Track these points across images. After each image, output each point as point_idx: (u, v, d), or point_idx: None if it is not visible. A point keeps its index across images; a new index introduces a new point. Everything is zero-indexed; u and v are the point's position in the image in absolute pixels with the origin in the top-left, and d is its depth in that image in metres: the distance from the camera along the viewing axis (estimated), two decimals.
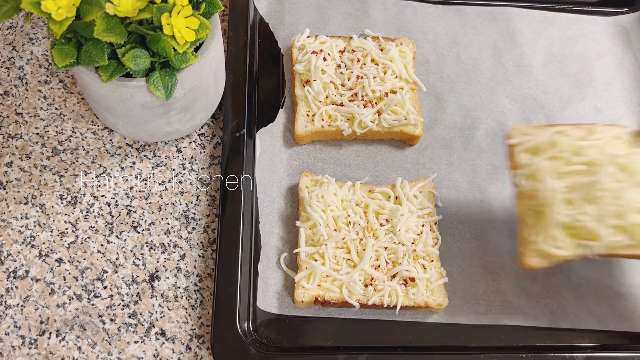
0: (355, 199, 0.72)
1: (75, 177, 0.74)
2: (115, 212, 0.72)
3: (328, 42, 0.81)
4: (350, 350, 0.65)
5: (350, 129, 0.76)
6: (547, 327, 0.68)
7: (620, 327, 0.69)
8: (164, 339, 0.66)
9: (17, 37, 0.82)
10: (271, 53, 0.84)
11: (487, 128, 0.81)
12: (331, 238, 0.68)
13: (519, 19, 0.90)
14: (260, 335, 0.66)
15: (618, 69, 0.88)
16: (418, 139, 0.78)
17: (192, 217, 0.72)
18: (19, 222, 0.70)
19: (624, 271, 0.72)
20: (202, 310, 0.67)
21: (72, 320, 0.66)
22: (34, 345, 0.64)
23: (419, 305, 0.66)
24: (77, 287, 0.67)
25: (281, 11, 0.87)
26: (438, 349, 0.67)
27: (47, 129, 0.76)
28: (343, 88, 0.79)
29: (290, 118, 0.79)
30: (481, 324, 0.68)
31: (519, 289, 0.71)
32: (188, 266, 0.70)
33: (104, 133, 0.77)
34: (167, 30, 0.56)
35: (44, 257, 0.69)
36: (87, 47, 0.58)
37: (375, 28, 0.87)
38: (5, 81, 0.79)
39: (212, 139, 0.78)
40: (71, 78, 0.80)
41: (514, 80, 0.85)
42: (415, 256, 0.69)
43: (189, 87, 0.65)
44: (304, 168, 0.76)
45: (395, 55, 0.80)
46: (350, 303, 0.66)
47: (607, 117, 0.83)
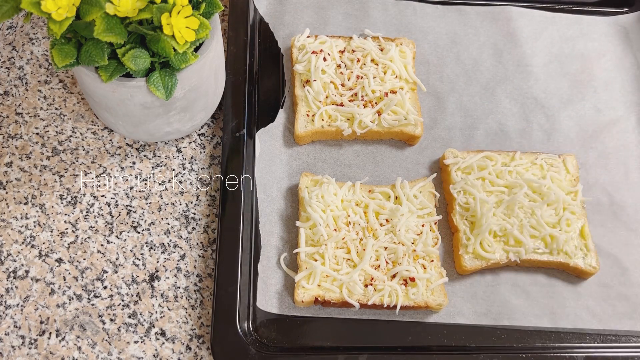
0: (355, 199, 0.72)
1: (75, 177, 0.74)
2: (115, 212, 0.72)
3: (328, 42, 0.81)
4: (350, 350, 0.65)
5: (350, 129, 0.76)
6: (547, 327, 0.69)
7: (620, 327, 0.69)
8: (164, 339, 0.66)
9: (17, 37, 0.82)
10: (271, 53, 0.84)
11: (487, 128, 0.81)
12: (331, 238, 0.68)
13: (519, 18, 0.90)
14: (260, 335, 0.66)
15: (618, 68, 0.88)
16: (418, 139, 0.78)
17: (192, 217, 0.72)
18: (19, 222, 0.70)
19: (624, 271, 0.73)
20: (202, 310, 0.67)
21: (72, 320, 0.66)
22: (34, 345, 0.64)
23: (419, 305, 0.66)
24: (77, 287, 0.67)
25: (281, 11, 0.87)
26: (438, 349, 0.67)
27: (47, 129, 0.76)
28: (343, 88, 0.79)
29: (290, 118, 0.79)
30: (481, 324, 0.68)
31: (518, 289, 0.71)
32: (188, 266, 0.70)
33: (104, 133, 0.77)
34: (167, 30, 0.56)
35: (44, 257, 0.69)
36: (87, 47, 0.58)
37: (375, 28, 0.87)
38: (5, 81, 0.79)
39: (212, 139, 0.78)
40: (71, 78, 0.80)
41: (514, 80, 0.85)
42: (415, 256, 0.69)
43: (189, 87, 0.65)
44: (304, 168, 0.76)
45: (395, 55, 0.80)
46: (350, 303, 0.66)
47: (607, 116, 0.83)
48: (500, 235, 0.70)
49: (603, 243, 0.74)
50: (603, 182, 0.78)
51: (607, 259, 0.73)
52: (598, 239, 0.74)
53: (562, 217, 0.71)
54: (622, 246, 0.74)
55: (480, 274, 0.71)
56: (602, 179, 0.78)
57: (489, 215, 0.70)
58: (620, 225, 0.76)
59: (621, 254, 0.74)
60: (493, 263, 0.69)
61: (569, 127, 0.82)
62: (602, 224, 0.76)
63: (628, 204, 0.77)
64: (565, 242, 0.70)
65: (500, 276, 0.71)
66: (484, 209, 0.71)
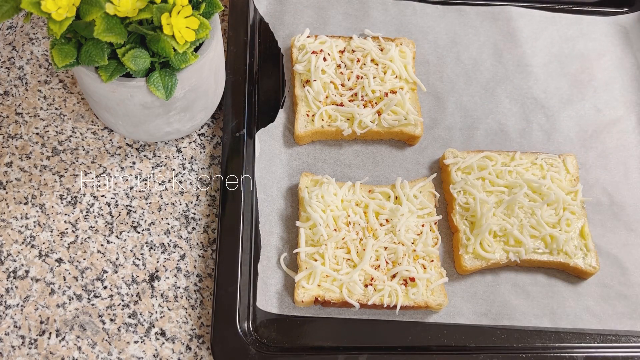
0: (355, 199, 0.72)
1: (75, 177, 0.74)
2: (115, 212, 0.72)
3: (328, 42, 0.81)
4: (350, 350, 0.65)
5: (350, 129, 0.76)
6: (547, 327, 0.69)
7: (620, 327, 0.69)
8: (164, 339, 0.66)
9: (17, 37, 0.82)
10: (271, 53, 0.84)
11: (487, 128, 0.81)
12: (331, 238, 0.68)
13: (519, 19, 0.90)
14: (260, 335, 0.66)
15: (618, 68, 0.88)
16: (418, 139, 0.78)
17: (192, 217, 0.72)
18: (19, 222, 0.70)
19: (624, 271, 0.73)
20: (202, 310, 0.67)
21: (72, 320, 0.66)
22: (34, 345, 0.64)
23: (419, 305, 0.66)
24: (77, 287, 0.67)
25: (281, 11, 0.87)
26: (438, 349, 0.67)
27: (47, 129, 0.76)
28: (343, 88, 0.79)
29: (290, 118, 0.79)
30: (481, 324, 0.68)
31: (518, 289, 0.71)
32: (188, 266, 0.70)
33: (104, 133, 0.77)
34: (167, 30, 0.56)
35: (44, 257, 0.69)
36: (87, 47, 0.58)
37: (375, 28, 0.87)
38: (5, 81, 0.79)
39: (212, 139, 0.78)
40: (71, 78, 0.80)
41: (514, 80, 0.85)
42: (415, 256, 0.69)
43: (189, 87, 0.65)
44: (304, 168, 0.76)
45: (395, 55, 0.80)
46: (350, 303, 0.66)
47: (607, 116, 0.83)
48: (500, 235, 0.70)
49: (603, 243, 0.74)
50: (603, 182, 0.78)
51: (607, 259, 0.73)
52: (598, 239, 0.74)
53: (562, 217, 0.71)
54: (622, 246, 0.74)
55: (480, 274, 0.71)
56: (602, 179, 0.78)
57: (489, 215, 0.70)
58: (620, 225, 0.76)
59: (621, 254, 0.74)
60: (493, 263, 0.69)
61: (569, 127, 0.82)
62: (602, 224, 0.76)
63: (628, 204, 0.77)
64: (565, 242, 0.70)
65: (500, 276, 0.71)
66: (484, 209, 0.71)
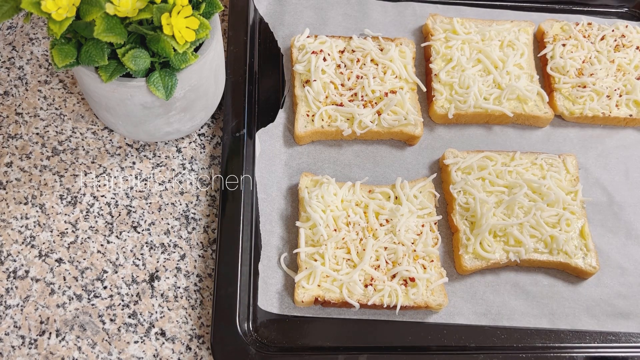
0: (355, 199, 0.72)
1: (75, 177, 0.74)
2: (115, 212, 0.72)
3: (328, 42, 0.81)
4: (350, 350, 0.65)
5: (350, 129, 0.76)
6: (547, 327, 0.69)
7: (620, 327, 0.69)
8: (164, 339, 0.66)
9: (17, 37, 0.82)
10: (271, 53, 0.84)
11: (487, 128, 0.81)
12: (331, 238, 0.68)
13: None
14: (260, 335, 0.66)
15: None
16: (418, 139, 0.78)
17: (192, 217, 0.72)
18: (19, 222, 0.70)
19: (624, 271, 0.73)
20: (202, 310, 0.67)
21: (72, 320, 0.66)
22: (34, 345, 0.64)
23: (419, 305, 0.66)
24: (77, 287, 0.67)
25: (281, 11, 0.87)
26: (438, 349, 0.67)
27: (47, 129, 0.76)
28: (343, 88, 0.79)
29: (290, 118, 0.79)
30: (481, 324, 0.68)
31: (518, 289, 0.71)
32: (188, 266, 0.70)
33: (104, 133, 0.77)
34: (167, 30, 0.57)
35: (44, 257, 0.69)
36: (87, 47, 0.58)
37: (374, 28, 0.87)
38: (5, 81, 0.79)
39: (212, 139, 0.78)
40: (71, 78, 0.80)
41: None
42: (415, 256, 0.69)
43: (189, 87, 0.65)
44: (304, 168, 0.76)
45: (395, 55, 0.80)
46: (350, 303, 0.66)
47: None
48: (500, 235, 0.70)
49: (603, 243, 0.74)
50: (603, 182, 0.78)
51: (607, 259, 0.73)
52: (598, 239, 0.74)
53: (562, 217, 0.71)
54: (621, 246, 0.74)
55: (480, 274, 0.71)
56: (602, 179, 0.78)
57: (489, 215, 0.70)
58: (620, 225, 0.76)
59: (621, 254, 0.74)
60: (493, 263, 0.69)
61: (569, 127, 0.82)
62: (602, 224, 0.76)
63: (628, 204, 0.77)
64: (565, 242, 0.70)
65: (500, 276, 0.71)
66: (484, 209, 0.71)
